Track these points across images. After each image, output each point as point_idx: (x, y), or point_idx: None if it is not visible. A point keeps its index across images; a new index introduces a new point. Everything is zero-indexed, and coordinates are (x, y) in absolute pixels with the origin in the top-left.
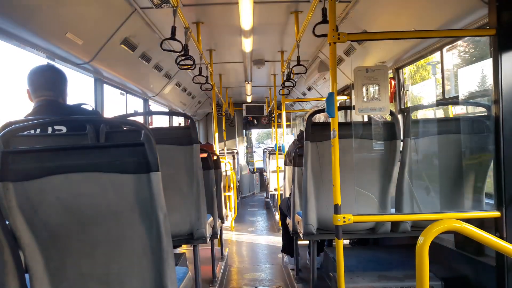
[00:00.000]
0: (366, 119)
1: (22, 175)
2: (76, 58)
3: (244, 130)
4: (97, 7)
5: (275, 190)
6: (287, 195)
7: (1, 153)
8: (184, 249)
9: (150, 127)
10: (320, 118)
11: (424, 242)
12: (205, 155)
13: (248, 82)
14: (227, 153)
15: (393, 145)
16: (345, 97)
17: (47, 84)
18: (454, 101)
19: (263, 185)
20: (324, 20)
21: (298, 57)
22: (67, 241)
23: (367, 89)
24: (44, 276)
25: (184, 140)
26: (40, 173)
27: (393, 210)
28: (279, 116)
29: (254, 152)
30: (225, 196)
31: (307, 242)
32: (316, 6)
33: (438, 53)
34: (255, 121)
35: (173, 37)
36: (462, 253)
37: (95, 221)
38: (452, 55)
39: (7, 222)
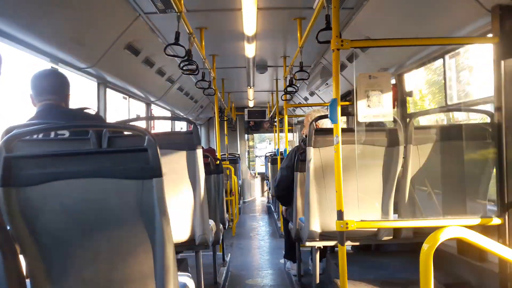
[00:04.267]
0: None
1: (24, 181)
2: (80, 63)
3: (246, 135)
4: (101, 12)
5: None
6: None
7: (3, 158)
8: (186, 254)
9: (153, 131)
10: (326, 124)
11: (428, 249)
12: (206, 160)
13: (251, 87)
14: (228, 158)
15: (395, 151)
16: (347, 103)
17: (50, 88)
18: (457, 107)
19: (265, 190)
20: (328, 27)
21: (301, 63)
22: (69, 247)
23: (369, 96)
24: (46, 283)
25: (186, 145)
26: (42, 179)
27: (395, 216)
28: (281, 121)
29: (256, 157)
30: (226, 201)
31: (309, 248)
32: (320, 13)
33: None
34: (257, 126)
35: (176, 42)
36: (465, 259)
37: (98, 227)
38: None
39: (9, 228)
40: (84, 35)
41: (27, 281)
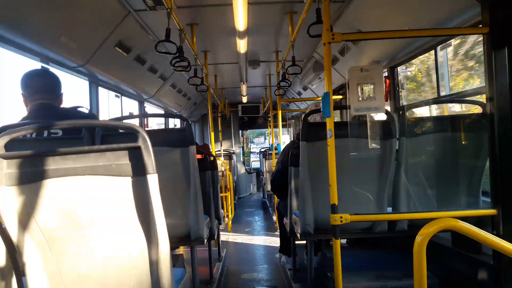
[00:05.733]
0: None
1: (18, 179)
2: (71, 62)
3: (240, 131)
4: (91, 10)
5: None
6: None
7: None
8: (182, 250)
9: (146, 129)
10: (315, 118)
11: (422, 241)
12: (200, 156)
13: (244, 83)
14: (223, 154)
15: (389, 144)
16: (340, 97)
17: (44, 87)
18: (449, 99)
19: (260, 185)
20: (319, 21)
21: (293, 57)
22: (64, 244)
23: (362, 89)
24: (42, 280)
25: (180, 142)
26: (36, 177)
27: (390, 209)
28: (275, 116)
29: (251, 152)
30: (221, 197)
31: (304, 242)
32: (311, 7)
33: None
34: (251, 122)
35: (167, 39)
36: (459, 251)
37: (92, 224)
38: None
39: (4, 226)
40: (74, 34)
41: (23, 278)
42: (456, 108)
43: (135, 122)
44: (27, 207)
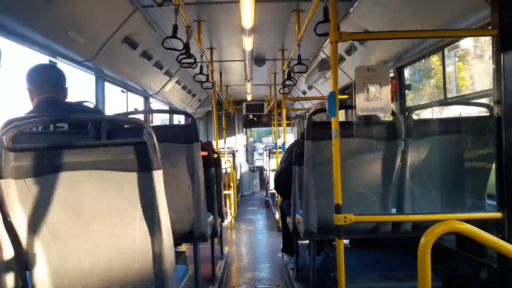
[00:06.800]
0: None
1: (24, 173)
2: (78, 56)
3: (244, 129)
4: (99, 6)
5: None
6: None
7: (3, 150)
8: (184, 247)
9: (151, 125)
10: (321, 118)
11: (426, 243)
12: (205, 153)
13: (249, 81)
14: (227, 151)
15: (394, 145)
16: (346, 96)
17: (49, 82)
18: (456, 101)
19: (263, 184)
20: (326, 19)
21: (299, 56)
22: (68, 238)
23: (368, 89)
24: (45, 274)
25: (185, 138)
26: (42, 171)
27: (394, 210)
28: (280, 114)
29: (254, 150)
30: (225, 195)
31: (307, 241)
32: (318, 5)
33: None
34: (255, 120)
35: (174, 35)
36: (464, 254)
37: (97, 219)
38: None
39: (9, 219)
40: (82, 29)
41: (27, 272)
42: (462, 111)
43: (140, 118)
44: (32, 201)
